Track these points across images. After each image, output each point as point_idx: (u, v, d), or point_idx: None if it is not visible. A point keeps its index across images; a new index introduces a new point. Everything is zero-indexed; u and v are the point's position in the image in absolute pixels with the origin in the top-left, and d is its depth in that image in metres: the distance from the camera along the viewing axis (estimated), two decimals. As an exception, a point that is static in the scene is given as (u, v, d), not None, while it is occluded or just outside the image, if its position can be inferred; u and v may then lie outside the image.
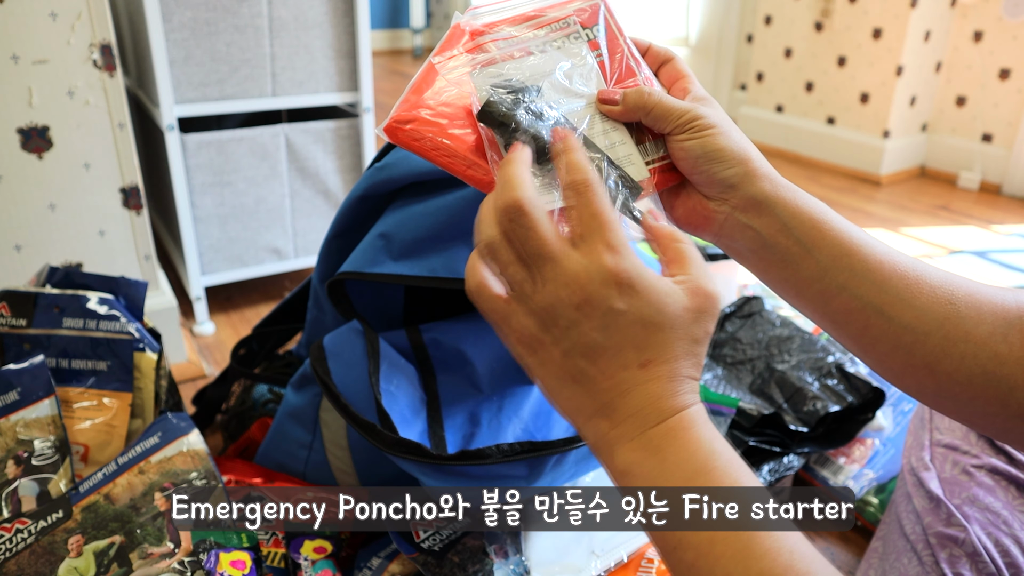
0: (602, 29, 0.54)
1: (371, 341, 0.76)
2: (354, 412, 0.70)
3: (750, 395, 1.06)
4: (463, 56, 0.52)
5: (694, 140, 0.50)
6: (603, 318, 0.41)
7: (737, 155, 0.50)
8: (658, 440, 0.41)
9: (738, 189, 0.51)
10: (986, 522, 0.71)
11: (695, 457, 0.41)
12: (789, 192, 0.51)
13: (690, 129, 0.50)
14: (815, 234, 0.50)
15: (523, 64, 0.52)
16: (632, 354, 0.41)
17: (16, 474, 0.75)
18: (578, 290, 0.41)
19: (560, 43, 0.53)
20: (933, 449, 0.81)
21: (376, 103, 1.49)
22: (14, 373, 0.79)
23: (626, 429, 0.42)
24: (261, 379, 1.01)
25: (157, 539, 0.70)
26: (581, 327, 0.41)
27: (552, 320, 0.42)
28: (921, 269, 0.50)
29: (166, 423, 0.77)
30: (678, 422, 0.42)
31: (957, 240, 2.05)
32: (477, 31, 0.53)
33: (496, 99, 0.48)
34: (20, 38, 1.02)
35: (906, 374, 0.51)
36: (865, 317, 0.50)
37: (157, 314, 1.24)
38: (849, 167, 2.64)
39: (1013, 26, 2.34)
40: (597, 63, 0.53)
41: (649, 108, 0.51)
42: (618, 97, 0.52)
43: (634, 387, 0.42)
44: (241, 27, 1.30)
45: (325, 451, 0.82)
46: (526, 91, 0.50)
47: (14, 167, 1.07)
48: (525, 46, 0.53)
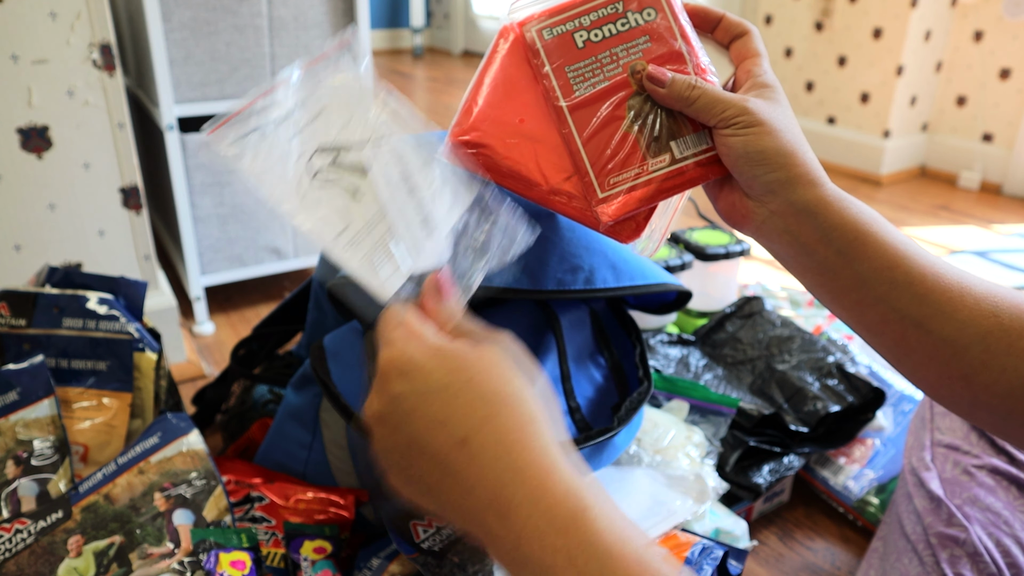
0: (654, 12, 0.53)
1: (371, 342, 0.75)
2: (354, 414, 0.70)
3: (750, 395, 1.06)
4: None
5: (738, 137, 0.49)
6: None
7: (781, 158, 0.48)
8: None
9: (778, 195, 0.49)
10: (987, 522, 0.71)
11: None
12: (835, 200, 0.49)
13: (734, 125, 0.49)
14: (857, 245, 0.48)
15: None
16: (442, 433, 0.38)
17: (16, 474, 0.75)
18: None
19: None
20: (934, 449, 0.80)
21: (376, 103, 1.48)
22: (13, 373, 0.78)
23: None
24: (261, 379, 1.01)
25: (157, 539, 0.70)
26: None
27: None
28: (967, 281, 0.48)
29: (166, 423, 0.77)
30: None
31: (957, 240, 2.05)
32: (523, 22, 0.53)
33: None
34: (20, 38, 1.02)
35: (941, 385, 0.49)
36: (902, 329, 0.48)
37: (157, 314, 1.24)
38: (849, 167, 2.64)
39: (1013, 26, 2.34)
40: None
41: (692, 101, 0.50)
42: (667, 79, 0.51)
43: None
44: (241, 27, 1.30)
45: (325, 451, 0.82)
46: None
47: (14, 167, 1.07)
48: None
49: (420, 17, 5.00)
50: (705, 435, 0.92)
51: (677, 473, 0.82)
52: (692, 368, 1.11)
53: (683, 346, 1.17)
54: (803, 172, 0.49)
